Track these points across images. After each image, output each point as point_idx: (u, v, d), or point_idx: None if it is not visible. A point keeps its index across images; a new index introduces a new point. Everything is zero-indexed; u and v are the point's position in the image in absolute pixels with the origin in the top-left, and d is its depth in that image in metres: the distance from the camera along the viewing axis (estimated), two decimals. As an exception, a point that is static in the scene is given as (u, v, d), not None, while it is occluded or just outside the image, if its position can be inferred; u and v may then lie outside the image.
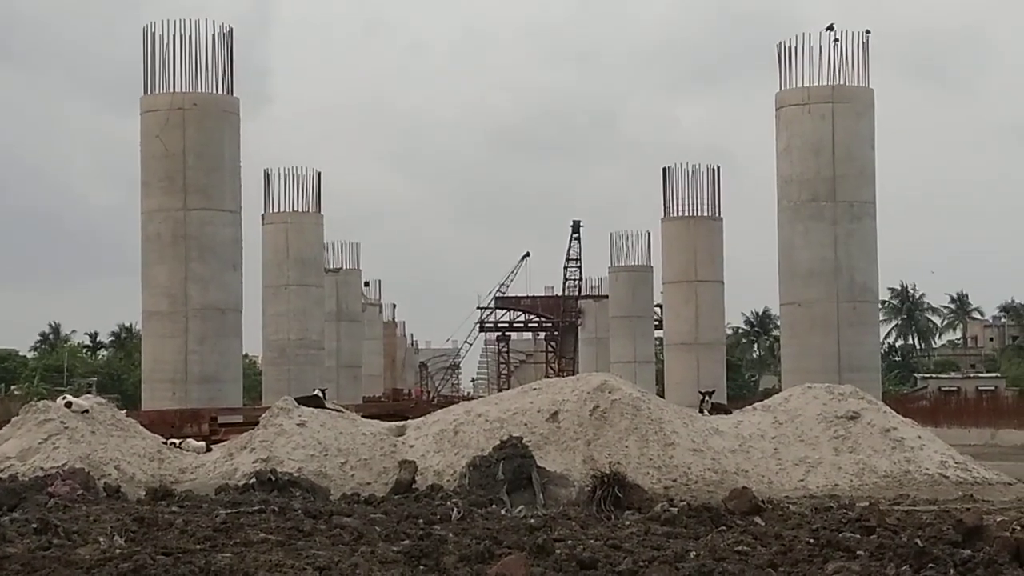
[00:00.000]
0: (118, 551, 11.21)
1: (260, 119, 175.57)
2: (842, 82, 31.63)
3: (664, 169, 47.30)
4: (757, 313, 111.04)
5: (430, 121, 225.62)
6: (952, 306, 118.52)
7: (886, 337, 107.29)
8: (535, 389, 21.92)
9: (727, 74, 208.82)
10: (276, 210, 46.07)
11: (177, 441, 21.59)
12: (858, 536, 12.12)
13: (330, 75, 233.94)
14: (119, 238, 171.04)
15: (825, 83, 31.62)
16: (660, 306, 59.52)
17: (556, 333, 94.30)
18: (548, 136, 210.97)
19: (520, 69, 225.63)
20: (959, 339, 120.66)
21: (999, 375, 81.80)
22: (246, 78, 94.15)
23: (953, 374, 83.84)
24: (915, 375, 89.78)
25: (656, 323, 62.69)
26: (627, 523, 13.55)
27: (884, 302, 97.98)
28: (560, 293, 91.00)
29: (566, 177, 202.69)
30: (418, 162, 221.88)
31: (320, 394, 24.21)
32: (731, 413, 23.55)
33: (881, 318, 77.04)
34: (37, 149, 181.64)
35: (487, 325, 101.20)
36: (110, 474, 19.48)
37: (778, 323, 45.56)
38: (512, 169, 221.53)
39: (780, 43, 31.97)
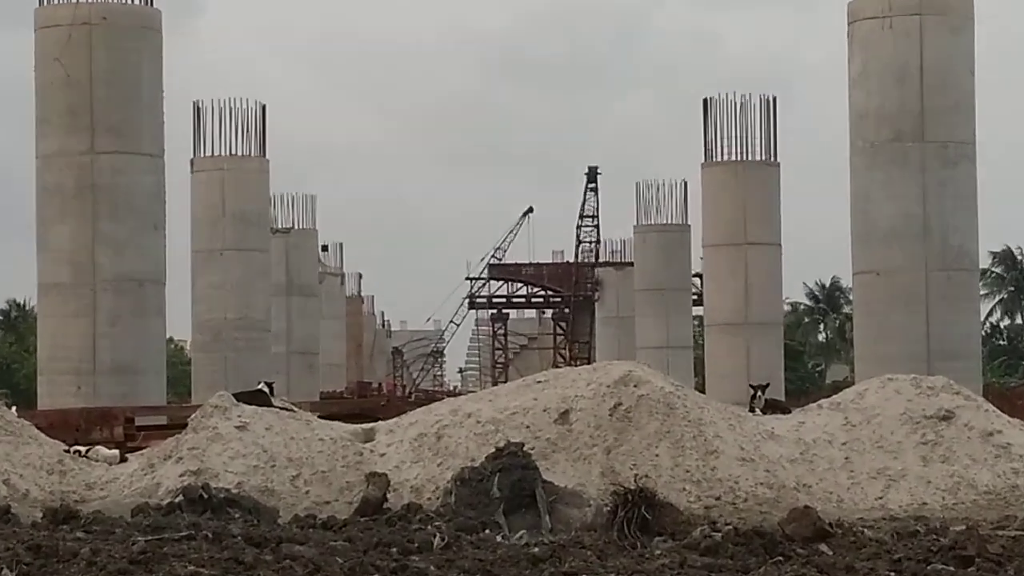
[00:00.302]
0: (8, 589, 11.23)
1: (188, 36, 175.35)
2: (933, -11, 31.60)
3: (705, 101, 47.29)
4: (823, 285, 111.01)
5: (406, 43, 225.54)
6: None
7: (988, 315, 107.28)
8: (540, 382, 21.96)
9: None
10: (209, 154, 46.07)
11: (83, 449, 21.64)
12: (952, 568, 12.16)
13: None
14: (8, 190, 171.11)
15: (912, -11, 31.58)
16: (700, 276, 59.56)
17: (567, 311, 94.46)
18: (555, 61, 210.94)
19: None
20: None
21: None
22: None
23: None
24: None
25: (695, 298, 62.76)
26: (657, 552, 13.59)
27: (986, 270, 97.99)
28: (572, 259, 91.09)
29: (579, 112, 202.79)
30: (391, 94, 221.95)
31: (266, 389, 24.26)
32: (790, 412, 23.60)
33: (982, 291, 77.12)
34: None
35: (479, 301, 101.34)
36: (-2, 491, 19.52)
37: (850, 297, 45.57)
38: (510, 103, 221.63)
39: (853, -62, 31.95)
